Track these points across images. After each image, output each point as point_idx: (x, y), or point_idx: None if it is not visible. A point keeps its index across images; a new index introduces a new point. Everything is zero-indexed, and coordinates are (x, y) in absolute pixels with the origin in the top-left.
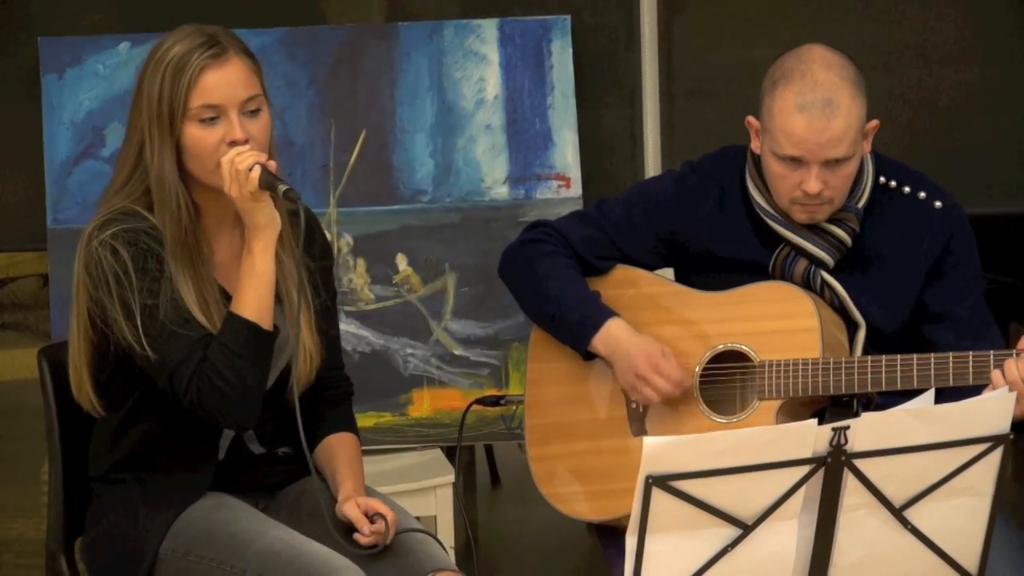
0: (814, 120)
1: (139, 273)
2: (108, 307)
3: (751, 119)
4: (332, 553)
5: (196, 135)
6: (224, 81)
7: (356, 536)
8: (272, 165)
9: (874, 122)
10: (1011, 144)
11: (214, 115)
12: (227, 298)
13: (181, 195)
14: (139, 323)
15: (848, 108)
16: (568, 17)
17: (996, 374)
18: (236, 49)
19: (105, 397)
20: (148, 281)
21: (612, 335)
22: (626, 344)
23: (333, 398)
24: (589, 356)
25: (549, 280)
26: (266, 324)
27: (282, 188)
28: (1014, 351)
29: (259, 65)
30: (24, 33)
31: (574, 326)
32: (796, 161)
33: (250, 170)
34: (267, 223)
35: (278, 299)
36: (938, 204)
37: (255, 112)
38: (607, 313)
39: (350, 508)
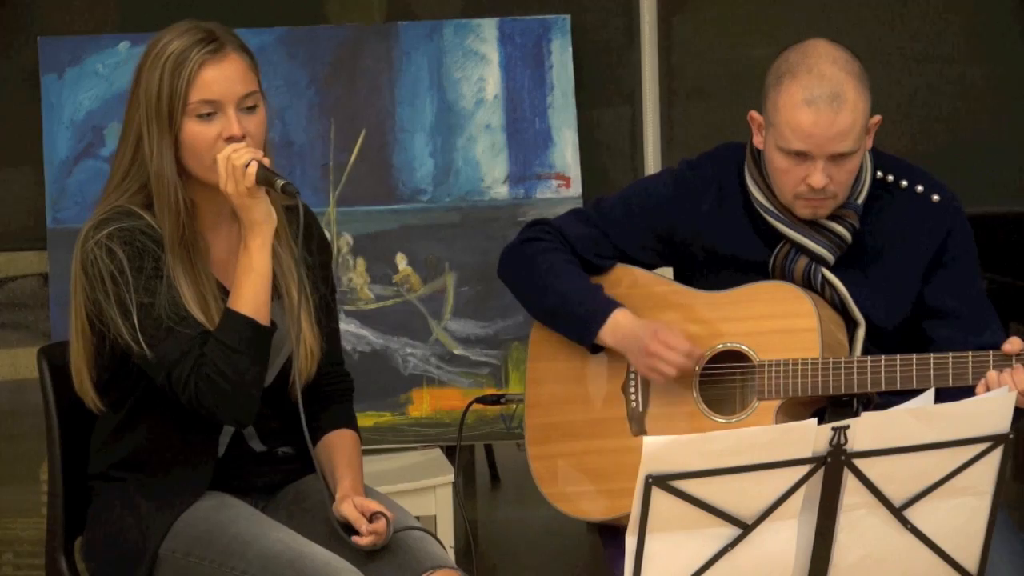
0: (821, 114)
1: (135, 272)
2: (105, 307)
3: (754, 114)
4: (332, 556)
5: (193, 130)
6: (222, 77)
7: (355, 539)
8: (267, 162)
9: (876, 118)
10: (1011, 144)
11: (211, 111)
12: (225, 294)
13: (179, 191)
14: (136, 321)
15: (854, 102)
16: (568, 17)
17: (992, 375)
18: (234, 45)
19: (107, 396)
20: (144, 279)
21: (620, 324)
22: (635, 329)
23: (333, 394)
24: (595, 349)
25: (551, 275)
26: (263, 320)
27: (280, 183)
28: (1012, 357)
29: (256, 62)
30: (24, 33)
31: (579, 319)
32: (801, 155)
33: (247, 166)
34: (263, 219)
35: (277, 294)
36: (936, 198)
37: (252, 108)
38: (612, 304)
39: (347, 508)
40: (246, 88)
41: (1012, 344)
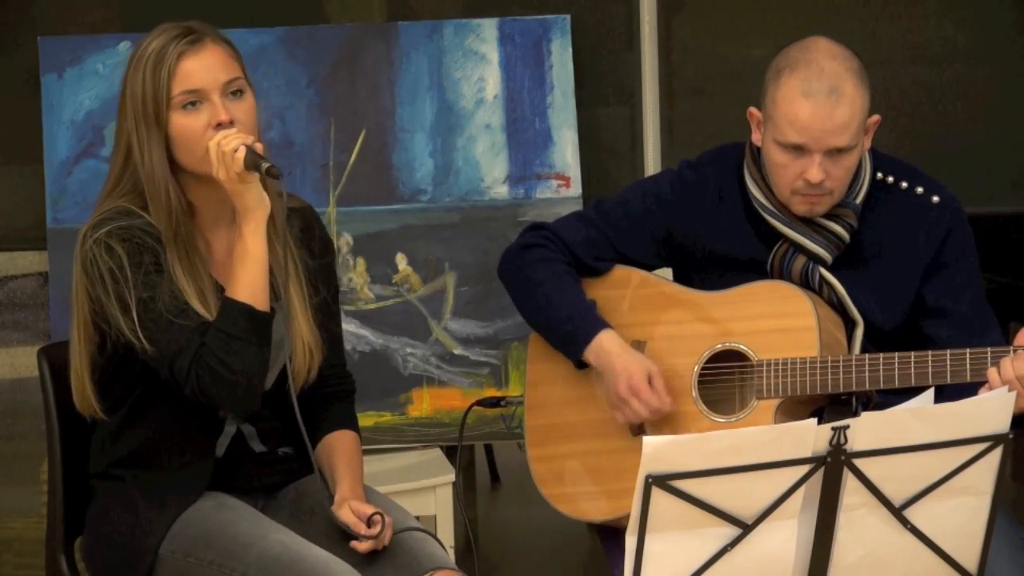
0: (819, 107)
1: (134, 268)
2: (106, 304)
3: (753, 110)
4: (332, 557)
5: (181, 123)
6: (202, 65)
7: (353, 544)
8: (259, 147)
9: (875, 117)
10: (1011, 144)
11: (196, 99)
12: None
13: (171, 187)
14: (135, 316)
15: (852, 97)
16: (568, 16)
17: (992, 372)
18: (212, 36)
19: (107, 400)
20: (143, 275)
21: (603, 348)
22: (613, 360)
23: (334, 395)
24: (582, 365)
25: (544, 288)
26: (261, 305)
27: (264, 166)
28: (1011, 348)
29: (238, 52)
30: (24, 33)
31: (566, 336)
32: (799, 150)
33: (235, 151)
34: (255, 205)
35: (276, 296)
36: (935, 199)
37: (238, 93)
38: (599, 326)
39: (344, 514)
40: (228, 74)
41: (1020, 338)
